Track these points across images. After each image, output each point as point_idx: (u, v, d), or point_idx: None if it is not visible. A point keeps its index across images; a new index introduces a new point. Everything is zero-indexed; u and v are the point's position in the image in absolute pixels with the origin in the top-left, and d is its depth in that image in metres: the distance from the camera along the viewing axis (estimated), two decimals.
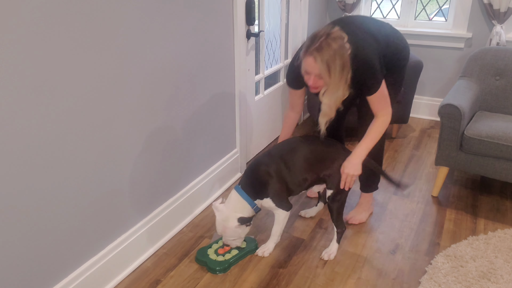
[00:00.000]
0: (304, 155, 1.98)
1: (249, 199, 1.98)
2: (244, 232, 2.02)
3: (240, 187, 2.01)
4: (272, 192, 1.97)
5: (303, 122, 3.89)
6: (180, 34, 2.03)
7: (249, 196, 1.98)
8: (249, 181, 1.99)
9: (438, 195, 2.67)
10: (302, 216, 2.44)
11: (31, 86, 1.38)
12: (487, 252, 2.12)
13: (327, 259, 2.09)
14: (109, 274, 1.89)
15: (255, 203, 2.00)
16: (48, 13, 1.38)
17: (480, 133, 2.39)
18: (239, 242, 2.06)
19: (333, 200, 2.03)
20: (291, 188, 2.01)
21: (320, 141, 2.02)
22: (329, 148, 2.02)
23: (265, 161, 1.98)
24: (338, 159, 2.00)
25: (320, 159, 2.00)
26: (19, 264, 1.48)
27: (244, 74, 2.69)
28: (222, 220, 1.97)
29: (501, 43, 3.32)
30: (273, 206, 2.01)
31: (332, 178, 2.00)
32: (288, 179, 1.98)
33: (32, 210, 1.48)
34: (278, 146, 2.04)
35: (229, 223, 1.96)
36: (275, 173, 1.95)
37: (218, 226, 2.00)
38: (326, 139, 2.03)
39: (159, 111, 2.00)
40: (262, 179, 1.96)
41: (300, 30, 3.52)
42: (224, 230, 1.98)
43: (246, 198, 1.98)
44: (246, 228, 2.01)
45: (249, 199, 1.98)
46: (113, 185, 1.82)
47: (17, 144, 1.38)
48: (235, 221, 1.95)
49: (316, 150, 2.00)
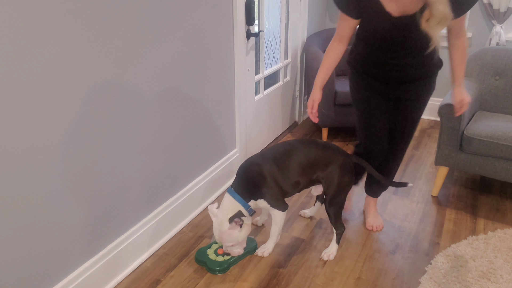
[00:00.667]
0: (298, 158, 1.95)
1: (242, 201, 1.93)
2: (241, 236, 1.95)
3: (232, 189, 1.97)
4: (267, 193, 1.94)
5: (302, 122, 3.89)
6: (179, 34, 2.03)
7: (243, 198, 1.94)
8: (242, 182, 1.95)
9: (438, 195, 2.67)
10: (301, 216, 2.44)
11: (31, 86, 1.38)
12: (486, 252, 2.13)
13: (326, 259, 2.08)
14: (109, 274, 1.89)
15: (249, 205, 1.95)
16: (48, 14, 1.38)
17: (480, 133, 2.39)
18: (239, 248, 1.99)
19: (330, 204, 2.02)
20: (284, 190, 1.98)
21: (316, 144, 2.00)
22: (324, 151, 1.98)
23: (257, 161, 1.95)
24: (333, 162, 1.97)
25: (314, 163, 1.96)
26: (19, 264, 1.48)
27: (244, 74, 2.69)
28: (217, 225, 1.92)
29: (501, 43, 3.32)
30: (268, 207, 1.98)
31: (327, 181, 1.99)
32: (281, 181, 1.95)
33: (32, 210, 1.48)
34: (272, 148, 2.01)
35: (224, 227, 1.90)
36: (268, 174, 1.92)
37: (215, 232, 1.95)
38: (323, 142, 2.01)
39: (158, 111, 2.00)
40: (256, 180, 1.93)
41: (300, 30, 3.52)
42: (220, 236, 1.93)
43: (239, 200, 1.93)
44: (242, 232, 1.94)
45: (242, 201, 1.93)
46: (112, 184, 1.82)
47: (17, 144, 1.38)
48: (227, 223, 1.90)
49: (310, 153, 1.96)
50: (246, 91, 2.79)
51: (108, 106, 1.70)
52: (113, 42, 1.65)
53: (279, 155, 1.96)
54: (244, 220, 1.94)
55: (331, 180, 1.98)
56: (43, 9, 1.36)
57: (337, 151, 2.01)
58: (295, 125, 3.81)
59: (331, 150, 2.00)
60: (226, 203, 1.94)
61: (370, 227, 2.31)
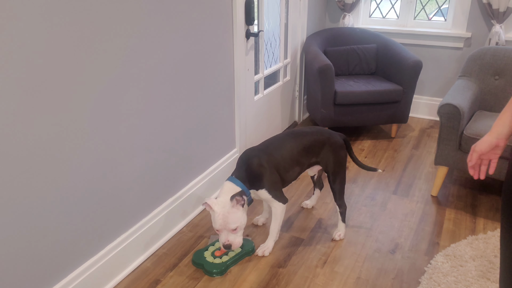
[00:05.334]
0: (292, 145, 2.06)
1: (243, 186, 1.96)
2: (244, 217, 1.94)
3: (233, 177, 1.99)
4: (268, 183, 1.99)
5: (302, 122, 3.90)
6: (179, 34, 2.03)
7: (244, 184, 1.97)
8: (243, 172, 1.98)
9: (438, 194, 2.67)
10: (304, 207, 2.53)
11: (32, 86, 1.38)
12: (486, 251, 2.13)
13: (338, 239, 2.23)
14: (109, 274, 1.89)
15: (250, 192, 2.00)
16: (48, 14, 1.38)
17: (480, 133, 2.39)
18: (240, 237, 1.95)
19: (334, 181, 2.14)
20: (284, 178, 2.05)
21: (305, 131, 2.11)
22: (316, 135, 2.10)
23: (256, 153, 2.01)
24: (325, 143, 2.10)
25: (309, 149, 2.08)
26: (19, 264, 1.48)
27: (244, 74, 2.69)
28: (221, 208, 1.89)
29: (500, 43, 3.33)
30: (269, 198, 2.02)
31: (325, 161, 2.12)
32: (281, 171, 2.02)
33: (32, 210, 1.48)
34: (267, 140, 2.11)
35: (227, 208, 1.89)
36: (268, 164, 1.99)
37: (217, 219, 1.90)
38: (312, 128, 2.14)
39: (158, 111, 2.00)
40: (257, 170, 1.97)
41: (299, 30, 3.52)
42: (225, 219, 1.89)
43: (241, 185, 1.95)
44: (244, 211, 1.94)
45: (244, 186, 1.96)
46: (112, 184, 1.82)
47: (18, 144, 1.38)
48: (230, 203, 1.90)
49: (304, 140, 2.08)
50: (246, 91, 2.79)
51: (108, 106, 1.70)
52: (112, 42, 1.65)
53: (275, 145, 2.06)
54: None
55: (328, 159, 2.11)
56: (43, 10, 1.36)
57: (327, 133, 2.14)
58: (294, 124, 3.81)
59: (320, 133, 2.13)
60: (227, 188, 1.94)
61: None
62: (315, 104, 3.36)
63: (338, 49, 3.61)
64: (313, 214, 2.48)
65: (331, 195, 2.65)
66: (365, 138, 3.53)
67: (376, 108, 3.33)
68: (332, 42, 3.72)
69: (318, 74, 3.12)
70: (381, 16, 3.98)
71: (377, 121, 3.39)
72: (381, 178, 2.88)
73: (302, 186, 2.78)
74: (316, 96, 3.31)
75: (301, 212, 2.49)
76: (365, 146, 3.38)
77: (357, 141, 3.47)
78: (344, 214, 2.22)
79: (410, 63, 3.22)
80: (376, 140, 3.49)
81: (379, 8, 3.98)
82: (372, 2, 3.97)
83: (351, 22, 3.90)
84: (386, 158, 3.16)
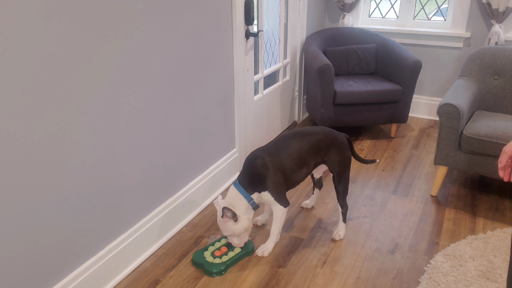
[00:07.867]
0: (300, 144, 2.05)
1: (245, 194, 1.99)
2: (236, 229, 2.00)
3: (238, 182, 2.03)
4: (271, 185, 1.99)
5: (302, 121, 3.90)
6: (179, 34, 2.03)
7: (247, 190, 2.00)
8: (247, 174, 2.01)
9: (437, 194, 2.68)
10: (303, 207, 2.53)
11: (32, 86, 1.38)
12: (486, 251, 2.13)
13: (338, 239, 2.23)
14: (109, 274, 1.89)
15: (252, 198, 2.00)
16: (48, 14, 1.38)
17: (479, 133, 2.39)
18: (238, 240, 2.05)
19: (338, 181, 2.15)
20: (289, 180, 2.04)
21: (312, 130, 2.11)
22: (322, 134, 2.09)
23: (261, 154, 2.01)
24: (332, 143, 2.10)
25: (317, 146, 2.07)
26: (19, 264, 1.48)
27: (243, 73, 2.69)
28: (219, 214, 2.03)
29: (500, 43, 3.33)
30: (271, 200, 2.02)
31: (331, 162, 2.11)
32: (286, 172, 2.02)
33: (31, 210, 1.48)
34: (273, 141, 2.10)
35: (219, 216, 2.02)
36: (272, 165, 1.98)
37: (218, 221, 2.04)
38: (316, 127, 2.13)
39: (158, 111, 2.00)
40: (260, 171, 1.98)
41: (299, 30, 3.53)
42: (220, 225, 2.03)
43: (243, 192, 1.99)
44: (238, 225, 1.99)
45: (246, 193, 1.99)
46: (112, 184, 1.82)
47: (18, 144, 1.38)
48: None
49: (310, 138, 2.07)
50: (246, 91, 2.79)
51: (108, 106, 1.70)
52: (112, 42, 1.65)
53: (281, 146, 2.05)
54: (243, 215, 2.00)
55: (334, 159, 2.11)
56: (43, 10, 1.36)
57: (333, 133, 2.13)
58: (294, 124, 3.81)
59: (327, 132, 2.12)
60: (230, 195, 2.03)
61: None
62: (315, 104, 3.36)
63: (337, 49, 3.61)
64: (312, 214, 2.48)
65: (331, 195, 2.65)
66: (365, 138, 3.53)
67: (376, 108, 3.33)
68: (332, 42, 3.72)
69: (318, 74, 3.12)
70: (381, 16, 3.99)
71: (376, 121, 3.39)
72: (380, 178, 2.88)
73: (302, 186, 2.79)
74: (315, 96, 3.32)
75: (301, 212, 2.49)
76: (365, 146, 3.38)
77: (357, 141, 3.48)
78: (345, 214, 2.23)
79: (410, 63, 3.22)
80: (376, 140, 3.49)
81: (378, 8, 3.98)
82: (371, 2, 3.97)
83: (351, 22, 3.90)
84: (386, 158, 3.16)
